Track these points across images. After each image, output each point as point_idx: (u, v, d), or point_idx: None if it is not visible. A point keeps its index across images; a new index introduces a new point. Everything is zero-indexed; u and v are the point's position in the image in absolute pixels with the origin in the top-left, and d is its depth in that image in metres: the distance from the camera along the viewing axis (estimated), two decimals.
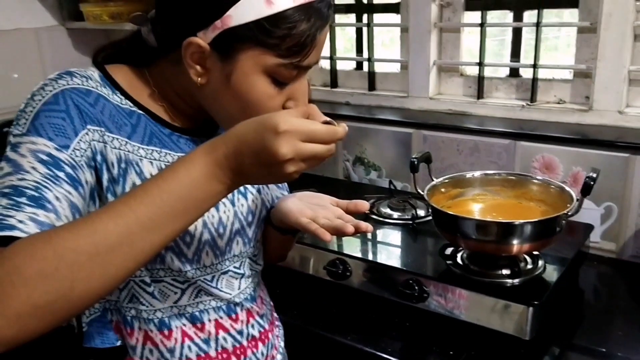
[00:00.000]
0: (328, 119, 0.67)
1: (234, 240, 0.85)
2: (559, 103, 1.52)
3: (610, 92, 1.40)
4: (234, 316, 0.86)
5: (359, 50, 1.87)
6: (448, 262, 1.17)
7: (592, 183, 1.06)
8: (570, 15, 1.50)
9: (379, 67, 1.82)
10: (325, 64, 1.91)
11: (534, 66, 1.51)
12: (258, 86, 0.73)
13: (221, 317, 0.84)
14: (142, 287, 0.78)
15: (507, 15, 1.60)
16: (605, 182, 1.34)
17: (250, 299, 0.89)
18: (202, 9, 0.70)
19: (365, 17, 1.79)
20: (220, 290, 0.84)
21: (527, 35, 1.57)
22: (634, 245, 1.39)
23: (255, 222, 0.89)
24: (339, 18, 1.88)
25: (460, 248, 1.20)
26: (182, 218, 0.62)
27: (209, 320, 0.83)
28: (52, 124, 0.68)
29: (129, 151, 0.74)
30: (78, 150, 0.69)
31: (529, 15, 1.55)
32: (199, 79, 0.74)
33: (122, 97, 0.77)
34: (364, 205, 0.86)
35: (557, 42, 1.62)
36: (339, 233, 0.81)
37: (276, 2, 0.69)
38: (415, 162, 1.22)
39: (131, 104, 0.77)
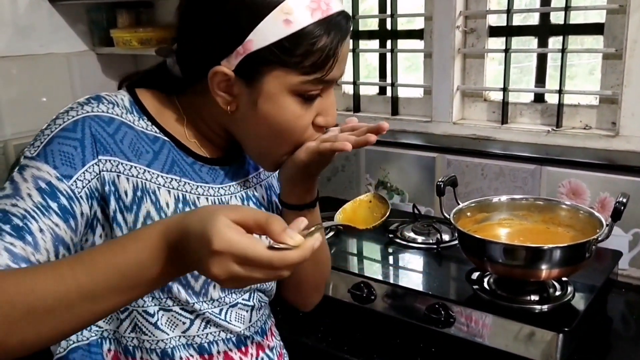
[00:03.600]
0: (290, 235, 0.56)
1: None
2: (585, 129, 1.51)
3: (637, 118, 1.39)
4: (243, 349, 0.84)
5: (382, 75, 1.88)
6: (475, 286, 1.16)
7: (622, 208, 1.05)
8: (594, 41, 1.51)
9: (402, 92, 1.84)
10: (348, 88, 1.93)
11: (560, 92, 1.51)
12: (286, 107, 0.73)
13: (230, 350, 0.82)
14: (144, 317, 0.76)
15: (531, 42, 1.61)
16: (633, 208, 1.33)
17: (260, 332, 0.87)
18: (223, 37, 0.71)
19: (389, 42, 1.81)
20: (229, 323, 0.82)
21: (552, 62, 1.58)
22: None
23: None
24: (363, 44, 1.90)
25: (487, 273, 1.19)
26: (127, 294, 0.60)
27: (218, 353, 0.81)
28: (62, 152, 0.69)
29: (146, 179, 0.74)
30: (81, 181, 0.69)
31: (554, 42, 1.55)
32: (229, 107, 0.74)
33: (149, 123, 0.77)
34: (384, 124, 0.78)
35: (581, 68, 1.62)
36: (361, 145, 0.75)
37: (294, 21, 0.69)
38: (442, 186, 1.22)
39: (157, 130, 0.77)
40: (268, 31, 0.69)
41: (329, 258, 0.97)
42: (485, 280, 1.18)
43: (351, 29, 0.75)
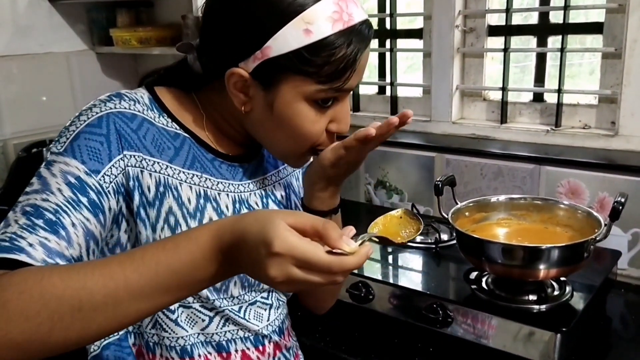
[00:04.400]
0: (346, 242, 0.56)
1: None
2: (584, 128, 1.51)
3: (636, 118, 1.39)
4: (260, 348, 0.85)
5: (381, 74, 1.88)
6: (473, 286, 1.16)
7: (620, 207, 1.04)
8: (594, 41, 1.51)
9: (401, 92, 1.84)
10: None
11: (559, 91, 1.51)
12: (300, 113, 0.74)
13: (248, 348, 0.83)
14: (165, 314, 0.77)
15: (531, 41, 1.60)
16: (633, 208, 1.32)
17: (278, 331, 0.88)
18: (243, 40, 0.71)
19: (388, 42, 1.81)
20: (248, 321, 0.83)
21: (551, 61, 1.57)
22: None
23: None
24: None
25: (485, 272, 1.18)
26: (174, 294, 0.59)
27: (236, 351, 0.82)
28: (89, 147, 0.69)
29: (169, 175, 0.75)
30: (108, 176, 0.70)
31: (553, 41, 1.55)
32: (243, 107, 0.75)
33: (169, 120, 0.78)
34: (408, 111, 0.78)
35: (580, 67, 1.62)
36: (384, 129, 0.76)
37: (315, 31, 0.69)
38: (440, 185, 1.22)
39: (177, 127, 0.78)
40: (287, 39, 0.69)
41: None
42: (484, 280, 1.18)
43: (372, 37, 0.74)
